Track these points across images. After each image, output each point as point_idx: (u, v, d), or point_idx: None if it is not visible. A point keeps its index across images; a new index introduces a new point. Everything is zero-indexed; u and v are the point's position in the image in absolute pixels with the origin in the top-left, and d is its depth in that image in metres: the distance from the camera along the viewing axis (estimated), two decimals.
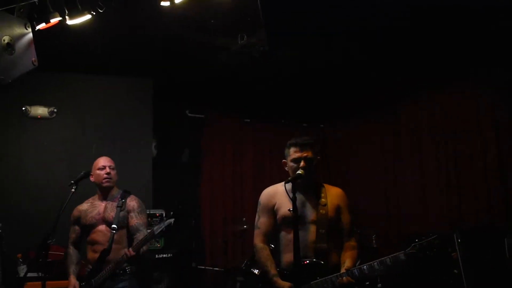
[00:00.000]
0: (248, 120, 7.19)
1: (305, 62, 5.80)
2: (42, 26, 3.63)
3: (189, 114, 6.93)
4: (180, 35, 5.03)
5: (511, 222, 5.05)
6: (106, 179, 4.18)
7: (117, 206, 4.15)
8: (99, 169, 4.22)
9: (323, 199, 3.44)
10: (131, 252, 3.80)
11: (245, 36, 4.94)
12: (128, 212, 4.18)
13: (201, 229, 6.58)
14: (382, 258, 3.10)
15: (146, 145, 6.12)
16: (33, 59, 3.59)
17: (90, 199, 4.28)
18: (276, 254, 3.49)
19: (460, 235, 4.73)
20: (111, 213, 4.13)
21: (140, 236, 4.02)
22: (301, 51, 5.46)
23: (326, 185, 3.56)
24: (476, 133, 5.44)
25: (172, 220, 3.83)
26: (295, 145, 3.44)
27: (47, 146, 5.58)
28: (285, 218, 3.39)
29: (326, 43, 5.22)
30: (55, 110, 5.67)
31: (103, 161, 4.27)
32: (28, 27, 3.50)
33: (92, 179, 4.25)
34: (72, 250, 4.17)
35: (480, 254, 4.72)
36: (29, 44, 3.52)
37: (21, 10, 3.54)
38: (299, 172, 3.29)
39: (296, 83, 6.45)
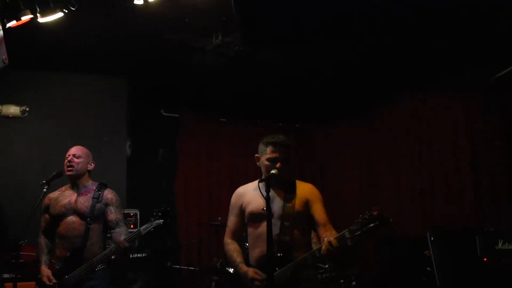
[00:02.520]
0: (224, 120, 7.19)
1: (282, 63, 5.80)
2: (12, 23, 3.57)
3: (164, 114, 6.90)
4: (154, 34, 4.97)
5: (482, 223, 5.13)
6: (69, 168, 3.92)
7: (93, 198, 3.90)
8: (66, 158, 3.99)
9: (291, 194, 3.46)
10: (124, 243, 3.60)
11: (220, 36, 4.92)
12: (106, 205, 3.93)
13: (176, 229, 6.57)
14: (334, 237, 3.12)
15: (120, 144, 6.09)
16: (4, 57, 3.50)
17: (63, 188, 4.02)
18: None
19: (433, 234, 4.82)
20: (85, 204, 3.87)
21: (121, 231, 3.80)
22: (276, 52, 5.47)
23: (297, 181, 3.58)
24: (450, 137, 5.52)
25: (161, 221, 3.76)
26: (273, 144, 3.43)
27: (19, 146, 5.50)
28: (252, 214, 3.45)
29: (302, 45, 5.23)
30: (27, 109, 5.60)
31: (70, 150, 4.03)
32: None
33: None
34: (43, 239, 3.92)
35: (452, 252, 4.80)
36: None
37: None
38: (273, 171, 3.29)
39: (272, 84, 6.45)
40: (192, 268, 5.83)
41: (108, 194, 3.98)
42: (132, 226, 5.39)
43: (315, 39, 5.12)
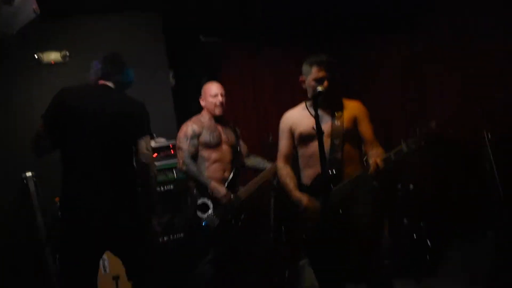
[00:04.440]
0: (265, 46, 6.99)
1: None
2: None
3: (204, 40, 6.78)
4: None
5: None
6: (219, 108, 4.70)
7: (234, 131, 4.89)
8: (211, 96, 4.70)
9: (339, 112, 3.45)
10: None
11: None
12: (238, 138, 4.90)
13: None
14: (386, 155, 3.17)
15: (163, 76, 6.13)
16: (34, 6, 3.52)
17: (198, 121, 4.73)
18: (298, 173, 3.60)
19: (490, 133, 4.68)
20: (232, 137, 4.80)
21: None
22: None
23: (344, 99, 3.57)
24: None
25: None
26: (318, 63, 3.41)
27: None
28: (302, 134, 3.49)
29: None
30: (68, 54, 5.63)
31: (215, 88, 4.75)
32: None
33: (202, 103, 4.80)
34: (192, 164, 4.57)
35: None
36: None
37: None
38: (319, 89, 3.26)
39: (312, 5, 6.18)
40: None
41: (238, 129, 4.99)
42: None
43: None
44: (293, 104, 3.70)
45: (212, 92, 4.69)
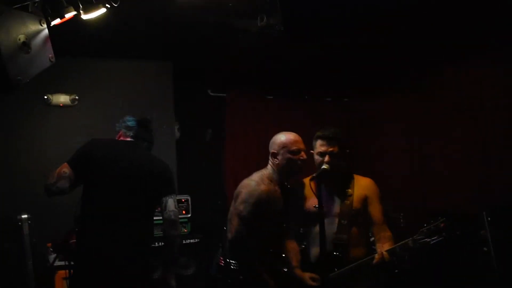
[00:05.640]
0: (271, 97, 7.08)
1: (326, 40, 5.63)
2: (57, 21, 3.56)
3: (211, 94, 6.86)
4: (197, 18, 4.92)
5: None
6: (301, 166, 3.53)
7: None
8: (292, 152, 3.52)
9: (349, 190, 3.42)
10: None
11: (265, 18, 4.80)
12: None
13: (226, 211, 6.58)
14: (392, 247, 3.10)
15: (169, 128, 6.13)
16: (50, 55, 3.54)
17: (266, 179, 3.54)
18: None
19: (489, 213, 4.65)
20: None
21: None
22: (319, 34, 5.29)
23: (356, 176, 3.53)
24: (504, 106, 5.14)
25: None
26: (322, 138, 3.40)
27: (71, 134, 5.55)
28: (310, 213, 3.39)
29: (346, 24, 5.03)
30: (77, 97, 5.67)
31: (297, 141, 3.55)
32: (43, 23, 3.42)
33: (276, 161, 3.55)
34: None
35: (511, 232, 4.64)
36: (45, 41, 3.46)
37: (36, 5, 3.48)
38: (324, 167, 3.26)
39: (318, 59, 6.29)
40: None
41: None
42: (184, 212, 5.40)
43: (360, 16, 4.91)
44: None
45: (294, 147, 3.54)
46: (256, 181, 3.43)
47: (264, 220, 3.40)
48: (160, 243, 4.59)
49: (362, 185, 3.44)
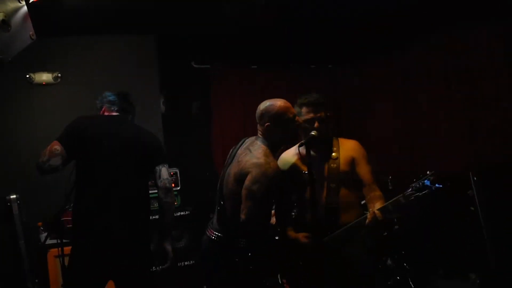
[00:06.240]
0: (255, 67, 7.04)
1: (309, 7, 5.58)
2: None
3: (195, 66, 6.80)
4: None
5: None
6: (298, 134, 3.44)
7: None
8: (290, 120, 3.28)
9: (334, 153, 3.39)
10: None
11: None
12: None
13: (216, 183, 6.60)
14: (384, 204, 3.11)
15: (154, 102, 6.10)
16: (31, 33, 3.49)
17: (270, 155, 3.24)
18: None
19: (476, 174, 4.72)
20: None
21: None
22: None
23: (340, 139, 3.52)
24: (490, 74, 5.14)
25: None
26: (307, 105, 3.37)
27: (55, 112, 5.52)
28: (297, 179, 3.41)
29: None
30: (59, 75, 5.60)
31: (290, 107, 3.30)
32: (22, 0, 3.38)
33: (271, 132, 3.30)
34: None
35: (497, 192, 4.71)
36: (24, 18, 3.41)
37: None
38: (312, 133, 3.25)
39: (302, 27, 6.25)
40: None
41: None
42: (173, 185, 5.39)
43: None
44: None
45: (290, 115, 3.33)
46: (264, 159, 3.11)
47: (274, 196, 3.28)
48: (155, 216, 4.63)
49: (347, 147, 3.44)
